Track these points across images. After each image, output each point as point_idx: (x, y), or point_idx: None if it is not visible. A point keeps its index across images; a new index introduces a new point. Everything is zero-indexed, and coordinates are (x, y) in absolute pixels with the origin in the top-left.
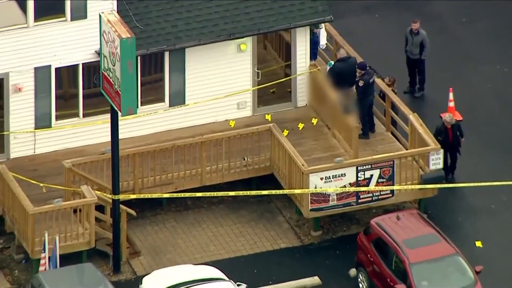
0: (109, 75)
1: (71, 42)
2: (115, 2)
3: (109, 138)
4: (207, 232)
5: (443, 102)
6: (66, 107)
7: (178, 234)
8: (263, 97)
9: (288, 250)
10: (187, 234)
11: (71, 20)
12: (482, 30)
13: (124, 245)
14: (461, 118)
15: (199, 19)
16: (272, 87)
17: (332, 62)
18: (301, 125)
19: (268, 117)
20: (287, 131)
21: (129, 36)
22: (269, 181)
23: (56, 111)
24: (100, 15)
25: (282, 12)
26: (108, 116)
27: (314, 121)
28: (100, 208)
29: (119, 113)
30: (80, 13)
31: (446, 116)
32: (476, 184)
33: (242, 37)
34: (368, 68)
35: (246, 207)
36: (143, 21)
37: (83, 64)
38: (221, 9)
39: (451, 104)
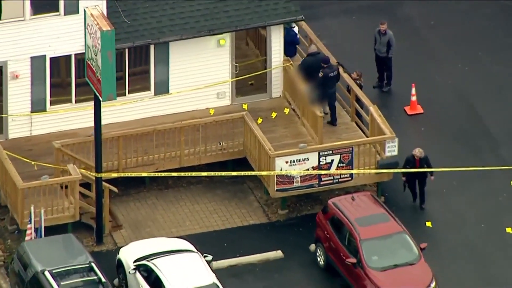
0: (92, 64)
1: (64, 35)
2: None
3: (92, 122)
4: (184, 209)
5: (407, 96)
6: (60, 93)
7: (157, 210)
8: (242, 88)
9: (256, 227)
10: (166, 210)
11: (65, 14)
12: (448, 33)
13: (107, 218)
14: (422, 111)
15: (182, 16)
16: (251, 79)
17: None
18: (274, 114)
19: (245, 106)
20: (261, 119)
21: (109, 28)
22: (243, 164)
23: (50, 96)
24: (84, 10)
25: (257, 11)
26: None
27: (286, 110)
28: (88, 185)
29: (100, 99)
30: (72, 9)
31: (416, 151)
32: (428, 169)
33: (221, 33)
34: (336, 63)
35: (222, 187)
36: (130, 17)
37: (75, 54)
38: (202, 7)
39: (413, 98)
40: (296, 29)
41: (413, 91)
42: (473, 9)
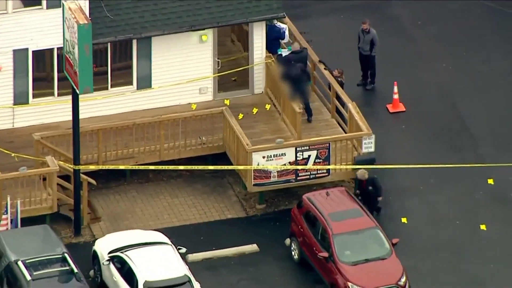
0: (70, 57)
1: (47, 28)
2: None
3: (80, 115)
4: (163, 202)
5: (390, 94)
6: (42, 86)
7: (137, 203)
8: (224, 84)
9: (233, 221)
10: (145, 203)
11: (47, 8)
12: (435, 32)
13: (85, 210)
14: (404, 109)
15: (164, 11)
16: (234, 75)
17: (281, 50)
18: (255, 110)
19: (227, 102)
20: (242, 115)
21: (86, 22)
22: (224, 158)
23: (33, 89)
24: (63, 3)
25: (239, 8)
26: (81, 96)
27: (268, 106)
28: (68, 177)
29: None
30: (55, 2)
31: (358, 173)
32: (403, 166)
33: (203, 29)
34: (318, 61)
35: (202, 182)
36: (113, 12)
37: (57, 48)
38: (185, 3)
39: (395, 96)
40: (283, 25)
41: (395, 89)
42: (462, 10)
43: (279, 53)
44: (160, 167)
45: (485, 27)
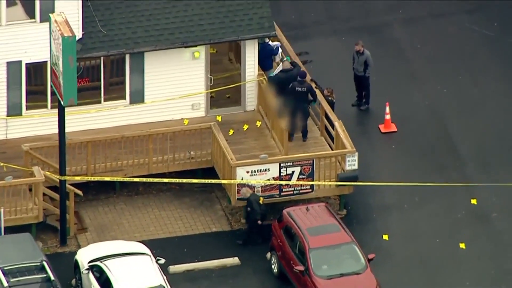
0: (56, 69)
1: (40, 41)
2: (80, 8)
3: (73, 128)
4: (150, 214)
5: (383, 115)
6: (35, 98)
7: (124, 215)
8: (218, 101)
9: (218, 234)
10: (132, 215)
11: (40, 22)
12: (432, 55)
13: (72, 221)
14: (395, 129)
15: (157, 27)
16: (228, 92)
17: (272, 72)
18: (246, 127)
19: (219, 118)
20: (232, 131)
21: (70, 34)
22: (213, 173)
23: (26, 101)
24: (49, 16)
25: (231, 26)
26: (72, 109)
27: (258, 123)
28: (57, 188)
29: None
30: (48, 16)
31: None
32: (385, 183)
33: (195, 46)
34: (310, 79)
35: (190, 195)
36: (107, 27)
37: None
38: (178, 20)
39: (387, 116)
40: (276, 42)
41: (387, 109)
42: (460, 34)
43: (270, 75)
44: (145, 179)
45: (480, 52)
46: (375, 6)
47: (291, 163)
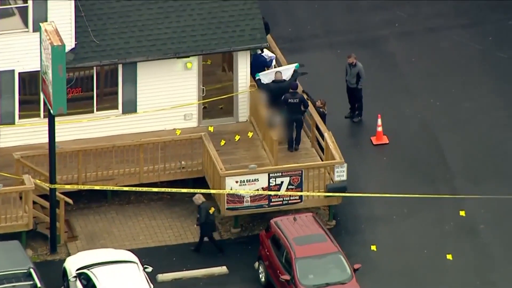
0: (46, 78)
1: (32, 51)
2: (73, 18)
3: (66, 137)
4: (141, 223)
5: (375, 127)
6: (28, 108)
7: (115, 224)
8: (211, 111)
9: (207, 243)
10: (123, 224)
11: (33, 31)
12: (426, 69)
13: (62, 229)
14: (387, 142)
15: (150, 38)
16: (221, 103)
17: (259, 74)
18: (237, 137)
19: (211, 128)
20: (224, 141)
21: (60, 44)
22: (204, 183)
23: (19, 110)
24: (39, 25)
25: (223, 37)
26: (64, 118)
27: (250, 134)
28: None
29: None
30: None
31: (194, 196)
32: (374, 194)
33: (187, 56)
34: (302, 91)
35: (181, 205)
36: (99, 37)
37: None
38: (170, 31)
39: (379, 129)
40: (271, 54)
41: (379, 122)
42: (454, 49)
43: (257, 78)
44: (135, 188)
45: (474, 66)
46: (371, 20)
47: (280, 174)
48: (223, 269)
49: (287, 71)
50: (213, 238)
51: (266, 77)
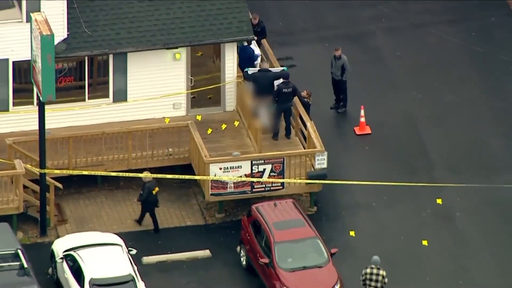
0: (36, 67)
1: (26, 40)
2: (65, 9)
3: (58, 124)
4: (129, 208)
5: (359, 118)
6: (22, 95)
7: (104, 209)
8: (200, 101)
9: (192, 228)
10: (111, 209)
11: (27, 22)
12: (411, 63)
13: (52, 212)
14: (370, 132)
15: (140, 29)
16: (209, 93)
17: (248, 69)
18: (224, 126)
19: (198, 117)
20: (211, 130)
21: (49, 33)
22: (191, 169)
23: (13, 98)
24: (30, 15)
25: (211, 29)
26: (57, 106)
27: (236, 123)
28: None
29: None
30: None
31: (144, 172)
32: (352, 182)
33: (176, 48)
34: (288, 81)
35: (169, 190)
36: (91, 28)
37: None
38: (160, 23)
39: (362, 119)
40: (258, 52)
41: (362, 112)
42: (439, 44)
43: (245, 70)
44: (122, 174)
45: (458, 62)
46: (360, 15)
47: (263, 161)
48: (206, 253)
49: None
50: (154, 215)
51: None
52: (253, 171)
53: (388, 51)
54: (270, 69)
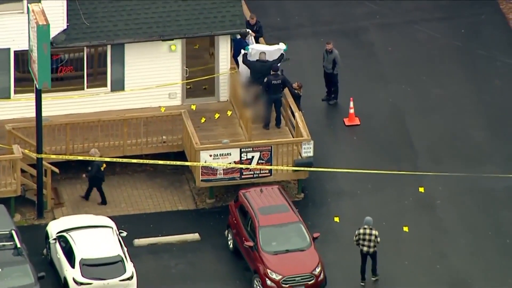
0: (33, 55)
1: (27, 31)
2: (65, 1)
3: (57, 111)
4: (124, 193)
5: (348, 109)
6: (24, 83)
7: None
8: (195, 91)
9: (183, 212)
10: (106, 193)
11: (27, 12)
12: (401, 58)
13: (49, 196)
14: (359, 123)
15: (137, 21)
16: (205, 83)
17: (249, 47)
18: (217, 115)
19: (193, 107)
20: (204, 119)
21: (45, 23)
22: (184, 156)
23: (15, 86)
24: (27, 6)
25: (206, 22)
26: (57, 94)
27: (229, 112)
28: None
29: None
30: None
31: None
32: (338, 170)
33: (171, 39)
34: (280, 73)
35: (162, 176)
36: (90, 19)
37: None
38: (156, 15)
39: (351, 111)
40: (251, 41)
41: (351, 104)
42: (430, 41)
43: (246, 51)
44: (115, 159)
45: (445, 57)
46: (355, 11)
47: (251, 149)
48: (195, 236)
49: (272, 53)
50: (101, 189)
51: (253, 52)
52: (242, 159)
53: (380, 46)
54: (266, 56)
